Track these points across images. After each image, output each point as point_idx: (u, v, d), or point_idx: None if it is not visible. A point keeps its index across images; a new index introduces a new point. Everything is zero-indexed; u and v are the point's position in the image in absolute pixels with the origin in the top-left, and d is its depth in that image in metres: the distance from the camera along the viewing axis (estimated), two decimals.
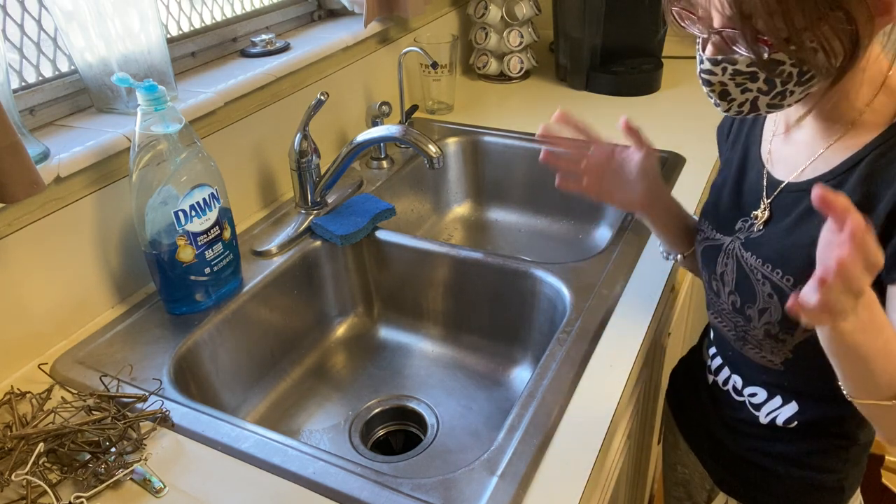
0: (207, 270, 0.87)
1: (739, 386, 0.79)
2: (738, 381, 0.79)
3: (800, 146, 0.68)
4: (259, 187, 1.12)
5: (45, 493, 0.63)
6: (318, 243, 1.04)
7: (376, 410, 0.96)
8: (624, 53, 1.53)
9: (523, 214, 1.37)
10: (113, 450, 0.67)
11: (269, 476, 0.66)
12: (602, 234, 1.29)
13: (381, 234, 1.06)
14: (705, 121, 1.35)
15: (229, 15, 1.19)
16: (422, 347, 1.07)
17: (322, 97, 0.99)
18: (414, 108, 1.36)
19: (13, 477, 0.63)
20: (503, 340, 1.03)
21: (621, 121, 0.78)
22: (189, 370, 0.84)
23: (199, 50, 1.11)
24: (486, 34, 1.57)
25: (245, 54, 1.16)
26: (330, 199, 1.10)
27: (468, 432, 0.92)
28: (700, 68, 0.63)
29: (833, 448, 0.75)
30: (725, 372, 0.81)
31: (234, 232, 0.90)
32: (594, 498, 0.75)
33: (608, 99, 1.50)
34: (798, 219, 0.66)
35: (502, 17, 1.56)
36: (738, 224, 0.73)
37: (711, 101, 0.65)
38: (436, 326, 1.08)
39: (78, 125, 0.89)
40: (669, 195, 0.84)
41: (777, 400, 0.75)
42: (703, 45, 0.61)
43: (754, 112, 0.63)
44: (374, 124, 1.22)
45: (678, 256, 0.87)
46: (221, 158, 1.00)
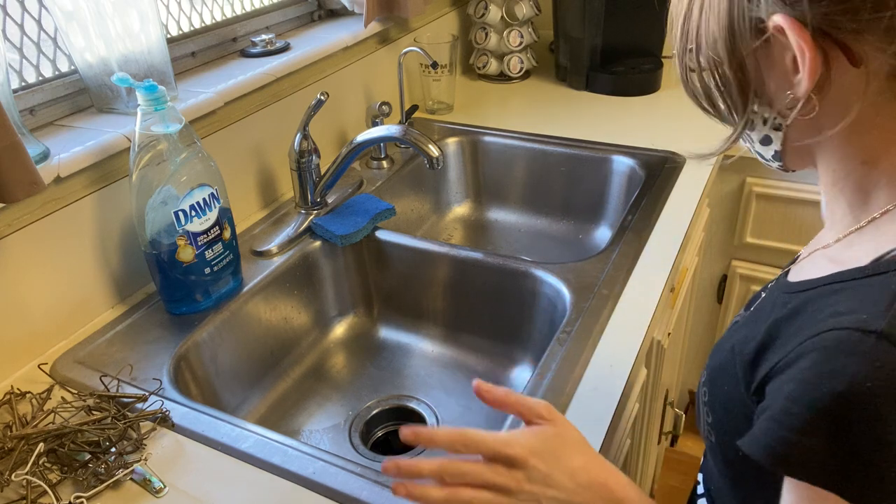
0: (207, 270, 0.87)
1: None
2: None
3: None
4: (259, 187, 1.12)
5: (45, 493, 0.63)
6: (317, 243, 1.04)
7: (376, 410, 0.96)
8: (624, 53, 1.53)
9: (523, 214, 1.37)
10: (113, 450, 0.67)
11: (269, 476, 0.66)
12: (602, 234, 1.29)
13: (381, 234, 1.06)
14: (705, 121, 1.35)
15: (229, 15, 1.19)
16: (422, 347, 1.07)
17: (322, 97, 0.99)
18: (414, 108, 1.36)
19: (13, 477, 0.63)
20: (503, 340, 1.02)
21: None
22: (189, 370, 0.84)
23: (199, 50, 1.11)
24: (486, 34, 1.57)
25: (245, 54, 1.16)
26: (330, 199, 1.10)
27: None
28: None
29: None
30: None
31: (234, 232, 0.90)
32: None
33: (608, 99, 1.50)
34: (752, 316, 0.55)
35: (502, 17, 1.56)
36: None
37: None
38: (436, 326, 1.08)
39: (78, 125, 0.89)
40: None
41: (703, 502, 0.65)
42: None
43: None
44: (374, 124, 1.22)
45: None
46: (221, 158, 1.00)
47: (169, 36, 1.07)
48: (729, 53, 0.46)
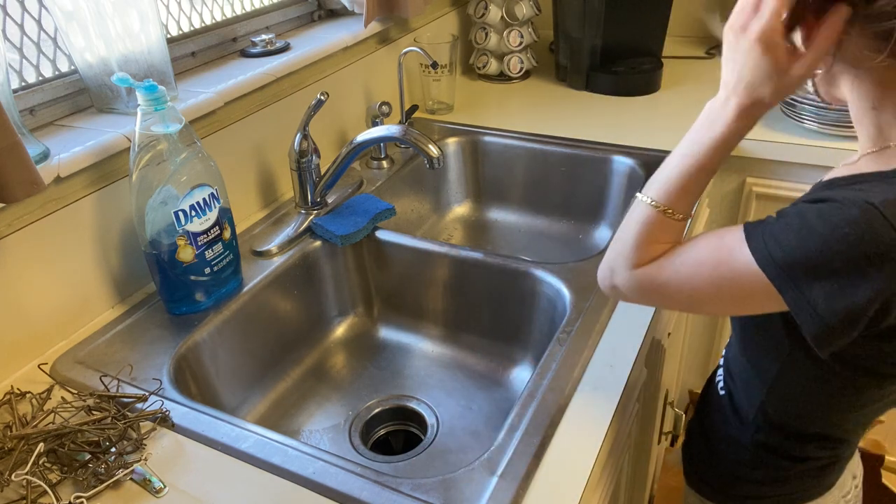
0: (207, 270, 0.87)
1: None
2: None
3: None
4: (259, 187, 1.12)
5: (45, 493, 0.63)
6: (318, 243, 1.04)
7: (376, 410, 0.96)
8: (624, 53, 1.53)
9: (523, 214, 1.37)
10: (113, 450, 0.67)
11: (269, 476, 0.66)
12: (602, 234, 1.29)
13: (381, 234, 1.06)
14: None
15: (229, 15, 1.19)
16: (422, 347, 1.07)
17: (322, 97, 0.99)
18: (414, 108, 1.36)
19: (13, 477, 0.63)
20: (503, 340, 1.02)
21: None
22: (189, 370, 0.84)
23: (199, 50, 1.11)
24: (486, 34, 1.57)
25: (245, 54, 1.16)
26: (330, 199, 1.10)
27: (468, 432, 0.92)
28: None
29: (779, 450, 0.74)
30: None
31: (234, 232, 0.90)
32: (594, 498, 0.75)
33: (608, 99, 1.50)
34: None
35: (502, 17, 1.56)
36: None
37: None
38: (436, 326, 1.08)
39: (78, 125, 0.89)
40: None
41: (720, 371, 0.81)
42: None
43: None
44: (374, 124, 1.22)
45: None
46: (221, 158, 1.00)
47: (169, 36, 1.07)
48: None
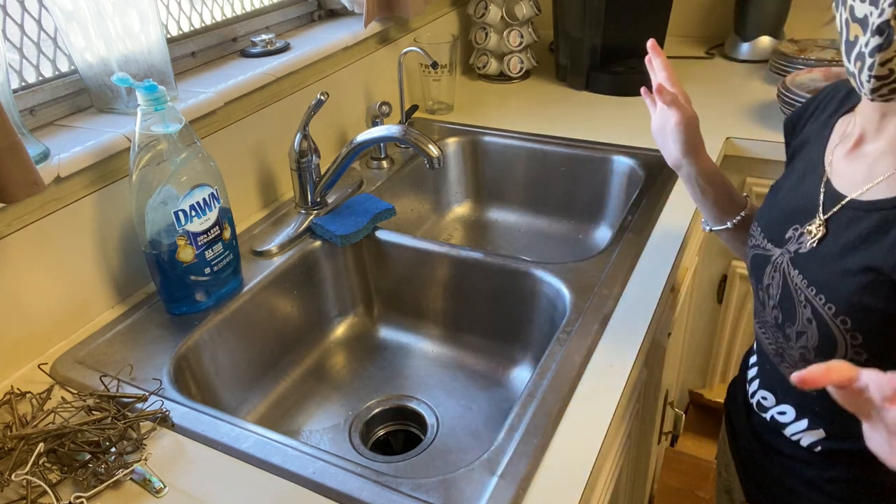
0: (207, 270, 0.87)
1: (768, 403, 0.77)
2: (768, 396, 0.77)
3: (869, 159, 0.63)
4: (259, 187, 1.12)
5: (45, 493, 0.63)
6: (318, 243, 1.04)
7: (376, 410, 0.96)
8: (624, 53, 1.53)
9: (523, 214, 1.37)
10: (113, 450, 0.67)
11: (269, 476, 0.66)
12: (602, 234, 1.29)
13: (381, 234, 1.06)
14: (705, 121, 1.35)
15: (229, 15, 1.19)
16: (422, 347, 1.07)
17: (322, 97, 0.99)
18: (414, 108, 1.36)
19: (13, 477, 0.63)
20: (503, 340, 1.03)
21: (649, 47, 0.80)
22: (189, 370, 0.84)
23: (199, 50, 1.11)
24: (486, 34, 1.57)
25: (245, 54, 1.16)
26: (330, 199, 1.10)
27: (468, 432, 0.92)
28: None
29: (858, 481, 0.70)
30: (755, 385, 0.79)
31: (234, 232, 0.90)
32: (594, 498, 0.75)
33: (608, 99, 1.50)
34: (853, 242, 0.62)
35: (502, 17, 1.56)
36: (789, 233, 0.69)
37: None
38: (436, 326, 1.08)
39: (78, 125, 0.89)
40: (706, 160, 0.82)
41: (804, 423, 0.72)
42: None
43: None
44: (374, 124, 1.22)
45: (712, 228, 0.86)
46: (221, 158, 1.00)
47: (169, 36, 1.07)
48: None
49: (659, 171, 1.17)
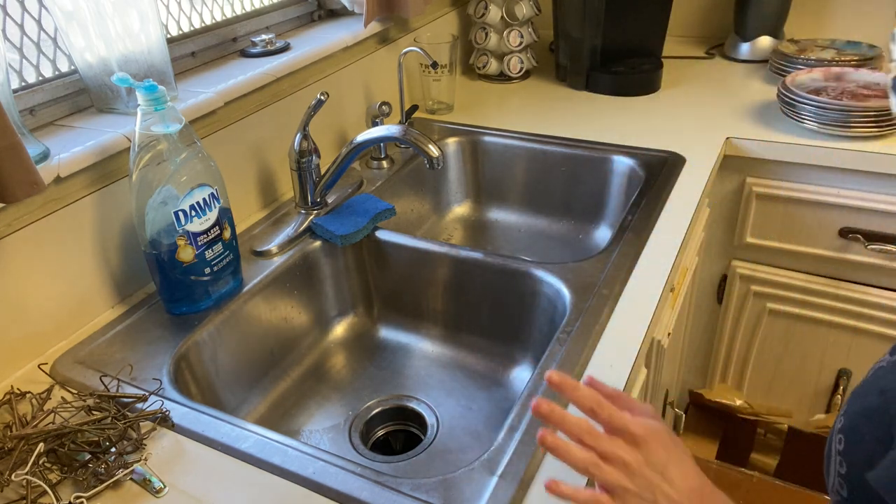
0: (207, 270, 0.87)
1: None
2: None
3: None
4: (259, 187, 1.12)
5: (45, 493, 0.63)
6: (317, 243, 1.04)
7: (376, 410, 0.96)
8: (624, 53, 1.53)
9: (523, 214, 1.37)
10: (113, 450, 0.67)
11: (269, 476, 0.66)
12: (602, 234, 1.29)
13: (381, 234, 1.06)
14: (705, 121, 1.35)
15: (229, 15, 1.19)
16: (422, 347, 1.07)
17: (322, 97, 0.99)
18: (414, 108, 1.36)
19: (13, 477, 0.63)
20: (503, 340, 1.03)
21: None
22: (189, 370, 0.84)
23: (199, 50, 1.11)
24: (486, 34, 1.57)
25: (245, 54, 1.16)
26: (330, 199, 1.10)
27: (468, 432, 0.92)
28: None
29: None
30: None
31: (234, 232, 0.90)
32: None
33: (608, 99, 1.50)
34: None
35: (502, 17, 1.56)
36: None
37: None
38: (436, 326, 1.08)
39: (78, 125, 0.89)
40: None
41: None
42: None
43: None
44: (374, 124, 1.22)
45: None
46: (221, 158, 1.00)
47: (169, 36, 1.07)
48: None
49: (659, 171, 1.17)
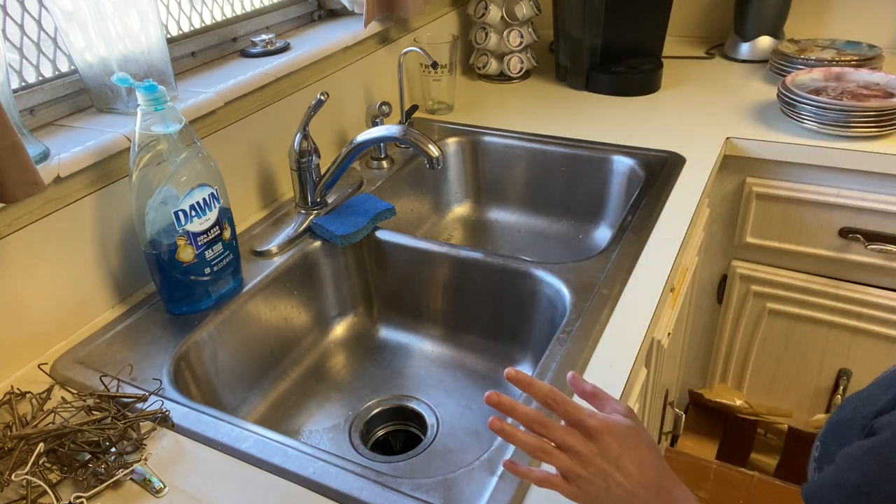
0: (207, 270, 0.87)
1: None
2: None
3: None
4: (259, 187, 1.12)
5: (45, 493, 0.63)
6: (318, 243, 1.04)
7: (376, 410, 0.96)
8: (624, 53, 1.53)
9: (523, 214, 1.37)
10: (113, 450, 0.67)
11: (269, 476, 0.66)
12: (602, 234, 1.29)
13: (381, 234, 1.06)
14: (705, 121, 1.35)
15: (229, 15, 1.19)
16: (422, 347, 1.07)
17: (322, 97, 0.99)
18: (414, 108, 1.36)
19: (13, 477, 0.63)
20: (503, 340, 1.02)
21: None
22: (189, 370, 0.84)
23: (199, 50, 1.11)
24: (486, 34, 1.57)
25: (245, 54, 1.16)
26: (330, 199, 1.10)
27: (468, 432, 0.92)
28: None
29: None
30: None
31: (234, 232, 0.90)
32: None
33: (608, 99, 1.50)
34: None
35: (502, 17, 1.56)
36: None
37: None
38: (436, 326, 1.08)
39: (78, 125, 0.89)
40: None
41: None
42: None
43: None
44: (374, 124, 1.22)
45: None
46: (221, 158, 1.00)
47: (169, 36, 1.07)
48: None
49: (659, 171, 1.17)
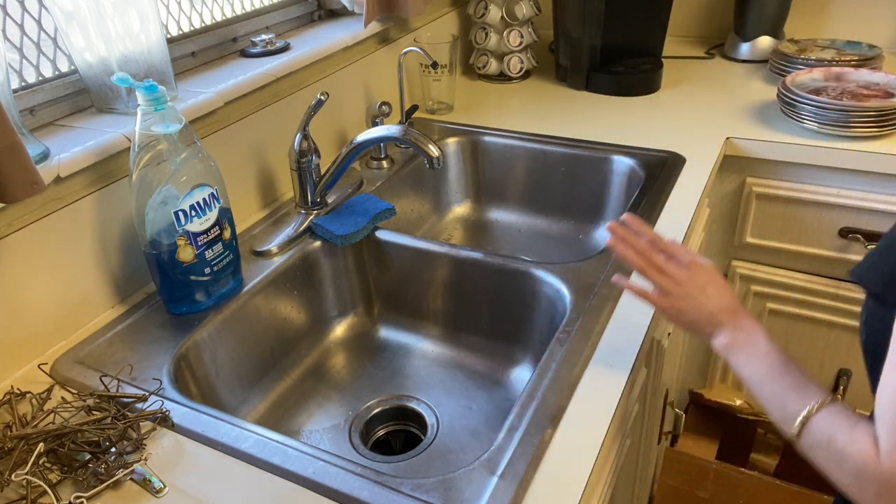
0: (207, 270, 0.87)
1: None
2: None
3: None
4: (259, 187, 1.12)
5: (45, 493, 0.63)
6: (317, 243, 1.04)
7: (376, 410, 0.96)
8: (624, 53, 1.53)
9: (523, 214, 1.37)
10: (113, 450, 0.67)
11: (269, 476, 0.66)
12: (602, 234, 1.29)
13: (381, 234, 1.06)
14: (705, 121, 1.35)
15: (229, 15, 1.19)
16: (422, 347, 1.07)
17: (322, 97, 0.99)
18: (414, 108, 1.36)
19: (13, 477, 0.63)
20: (503, 340, 1.02)
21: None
22: (189, 370, 0.84)
23: (199, 50, 1.11)
24: (486, 34, 1.57)
25: (245, 54, 1.16)
26: (330, 199, 1.10)
27: (468, 432, 0.92)
28: None
29: None
30: None
31: (234, 232, 0.90)
32: (594, 498, 0.75)
33: (608, 99, 1.50)
34: None
35: (502, 17, 1.56)
36: None
37: None
38: (436, 326, 1.08)
39: (78, 125, 0.89)
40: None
41: None
42: None
43: None
44: (374, 124, 1.22)
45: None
46: (221, 158, 1.00)
47: (169, 36, 1.07)
48: None
49: (659, 171, 1.17)
